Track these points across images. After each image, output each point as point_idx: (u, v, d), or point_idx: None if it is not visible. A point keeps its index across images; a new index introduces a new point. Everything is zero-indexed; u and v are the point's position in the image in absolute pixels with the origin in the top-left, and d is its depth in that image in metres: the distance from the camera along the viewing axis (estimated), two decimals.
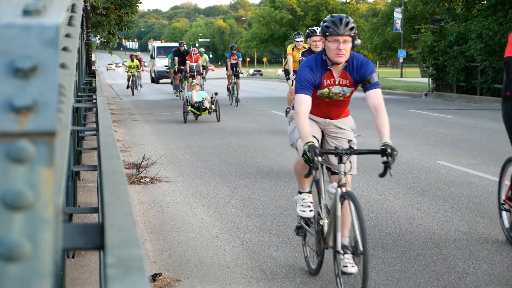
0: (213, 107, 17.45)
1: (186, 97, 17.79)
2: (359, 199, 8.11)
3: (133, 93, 31.42)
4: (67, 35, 2.17)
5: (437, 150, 12.24)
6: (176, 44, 51.63)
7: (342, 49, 4.77)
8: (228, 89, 24.71)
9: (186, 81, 24.23)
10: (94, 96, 7.84)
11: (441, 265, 5.58)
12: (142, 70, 33.92)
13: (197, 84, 17.99)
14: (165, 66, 40.77)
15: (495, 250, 5.99)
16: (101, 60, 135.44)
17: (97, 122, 4.11)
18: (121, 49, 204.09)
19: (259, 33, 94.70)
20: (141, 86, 33.17)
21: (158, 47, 49.37)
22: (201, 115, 17.74)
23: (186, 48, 26.44)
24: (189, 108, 17.44)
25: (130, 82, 32.44)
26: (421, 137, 14.36)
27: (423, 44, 31.04)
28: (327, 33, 4.78)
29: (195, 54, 24.48)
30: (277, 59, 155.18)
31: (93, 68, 18.54)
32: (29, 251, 0.88)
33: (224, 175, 9.81)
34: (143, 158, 10.25)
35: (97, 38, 29.04)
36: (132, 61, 32.51)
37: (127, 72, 32.59)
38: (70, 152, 4.80)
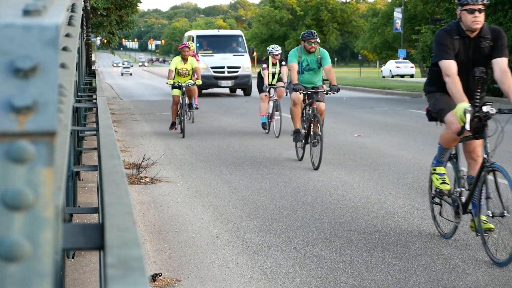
0: None
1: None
2: (359, 199, 8.13)
3: (183, 134, 14.32)
4: (67, 35, 2.17)
5: None
6: (232, 32, 33.46)
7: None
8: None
9: None
10: (94, 96, 7.84)
11: (441, 265, 5.58)
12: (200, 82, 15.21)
13: None
14: (214, 68, 28.70)
15: None
16: (101, 60, 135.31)
17: (97, 122, 4.11)
18: (121, 49, 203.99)
19: (259, 33, 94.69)
20: (196, 108, 17.15)
21: (198, 37, 30.55)
22: None
23: None
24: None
25: (178, 109, 14.87)
26: (421, 137, 14.36)
27: (423, 44, 31.05)
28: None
29: None
30: None
31: (93, 68, 18.55)
32: (29, 251, 0.88)
33: (224, 175, 9.81)
34: (143, 158, 10.25)
35: (97, 39, 28.73)
36: (185, 59, 14.83)
37: (171, 85, 14.84)
38: (70, 152, 4.79)
